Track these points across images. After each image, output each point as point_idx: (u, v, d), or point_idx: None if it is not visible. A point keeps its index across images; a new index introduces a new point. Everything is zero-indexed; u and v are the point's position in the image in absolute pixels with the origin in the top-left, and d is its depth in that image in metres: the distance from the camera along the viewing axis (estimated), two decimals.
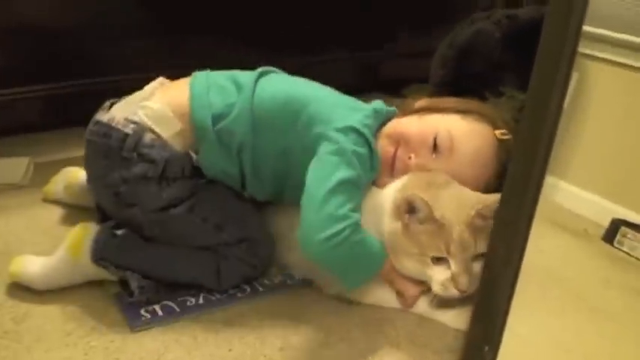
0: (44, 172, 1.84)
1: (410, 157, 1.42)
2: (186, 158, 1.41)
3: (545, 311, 1.48)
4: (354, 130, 1.32)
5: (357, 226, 1.28)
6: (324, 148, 1.32)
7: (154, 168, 1.35)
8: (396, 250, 1.35)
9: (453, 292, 1.30)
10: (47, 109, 2.04)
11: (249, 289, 1.45)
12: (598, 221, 1.95)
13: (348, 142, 1.31)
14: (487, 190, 1.38)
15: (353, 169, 1.30)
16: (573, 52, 0.95)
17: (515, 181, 1.02)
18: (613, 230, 1.89)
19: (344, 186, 1.28)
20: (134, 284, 1.33)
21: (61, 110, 2.04)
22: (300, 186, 1.30)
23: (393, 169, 1.42)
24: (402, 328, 1.37)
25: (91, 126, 1.40)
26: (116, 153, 1.35)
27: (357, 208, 1.30)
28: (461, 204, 1.31)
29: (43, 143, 2.05)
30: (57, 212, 1.72)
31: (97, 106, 1.47)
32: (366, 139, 1.34)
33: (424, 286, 1.38)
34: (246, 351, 1.28)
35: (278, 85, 1.44)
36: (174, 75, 1.51)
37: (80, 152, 1.45)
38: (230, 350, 1.28)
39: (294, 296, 1.45)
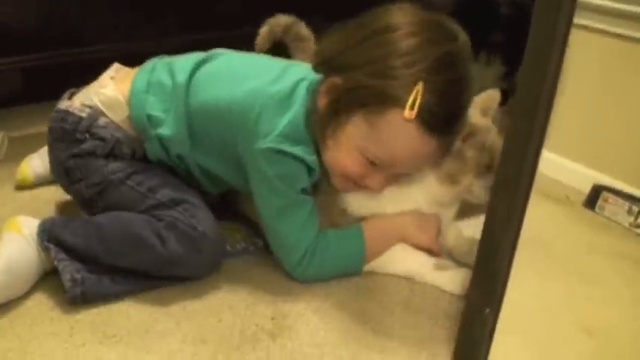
0: (19, 147, 1.81)
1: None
2: (138, 143, 1.41)
3: (534, 277, 1.46)
4: (272, 151, 1.27)
5: (312, 241, 1.33)
6: (251, 179, 1.33)
7: (103, 146, 1.37)
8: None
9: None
10: (21, 82, 1.99)
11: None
12: (579, 188, 1.95)
13: (268, 168, 1.28)
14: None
15: (280, 194, 1.30)
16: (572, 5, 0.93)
17: (516, 137, 1.00)
18: (594, 196, 1.89)
19: (283, 211, 1.32)
20: (66, 277, 1.25)
21: (36, 83, 1.99)
22: None
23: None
24: (394, 294, 1.36)
25: (52, 114, 1.43)
26: (71, 134, 1.39)
27: (305, 222, 1.33)
28: None
29: (16, 117, 1.99)
30: (34, 187, 1.69)
31: (72, 78, 1.49)
32: (288, 154, 1.28)
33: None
34: (236, 320, 1.25)
35: (208, 87, 1.38)
36: (148, 47, 1.48)
37: None
38: (220, 320, 1.25)
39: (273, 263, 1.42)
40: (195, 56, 1.45)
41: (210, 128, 1.36)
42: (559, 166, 2.02)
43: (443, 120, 1.23)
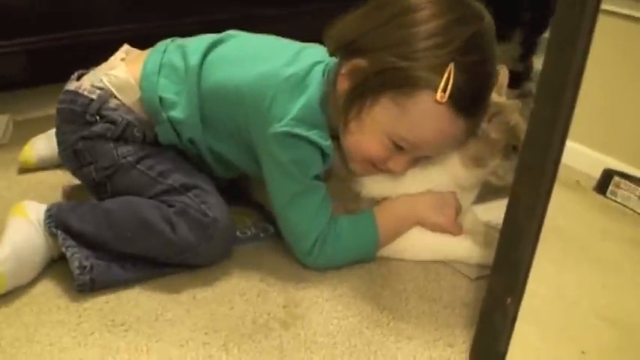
0: (24, 130, 1.78)
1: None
2: (149, 126, 1.38)
3: (548, 264, 1.44)
4: (286, 135, 1.24)
5: (324, 229, 1.31)
6: (264, 164, 1.31)
7: (114, 129, 1.35)
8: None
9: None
10: (26, 65, 1.95)
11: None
12: (589, 172, 1.93)
13: (282, 153, 1.26)
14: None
15: (294, 180, 1.28)
16: None
17: (541, 122, 0.97)
18: (605, 181, 1.87)
19: (296, 198, 1.30)
20: (74, 264, 1.22)
21: (40, 66, 1.96)
22: None
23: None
24: (409, 282, 1.33)
25: (60, 96, 1.41)
26: (80, 116, 1.36)
27: (317, 210, 1.31)
28: None
29: (22, 100, 1.97)
30: (39, 171, 1.67)
31: (77, 60, 1.46)
32: (303, 138, 1.25)
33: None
34: (248, 308, 1.23)
35: (220, 70, 1.35)
36: (154, 29, 1.45)
37: None
38: (232, 308, 1.22)
39: (284, 249, 1.40)
40: (208, 38, 1.41)
41: (222, 112, 1.33)
42: (569, 151, 1.97)
43: (472, 101, 1.22)
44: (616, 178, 1.84)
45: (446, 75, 1.17)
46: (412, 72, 1.18)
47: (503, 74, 1.37)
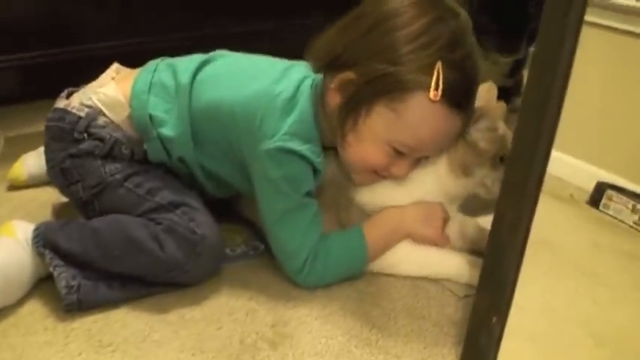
0: (15, 146, 1.77)
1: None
2: (138, 143, 1.38)
3: (539, 278, 1.44)
4: (279, 151, 1.24)
5: (314, 247, 1.31)
6: (255, 181, 1.31)
7: (102, 146, 1.35)
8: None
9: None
10: (18, 81, 1.94)
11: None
12: (582, 186, 1.93)
13: (274, 170, 1.26)
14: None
15: (285, 196, 1.28)
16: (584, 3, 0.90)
17: (524, 140, 0.97)
18: (598, 194, 1.87)
19: (287, 215, 1.30)
20: (61, 283, 1.22)
21: (33, 81, 1.95)
22: None
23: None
24: (398, 300, 1.33)
25: (49, 114, 1.41)
26: (68, 134, 1.36)
27: (308, 227, 1.31)
28: None
29: (13, 116, 1.96)
30: (29, 188, 1.66)
31: (69, 76, 1.46)
32: (295, 152, 1.25)
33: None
34: (236, 328, 1.22)
35: (211, 89, 1.35)
36: (146, 45, 1.45)
37: None
38: (220, 328, 1.22)
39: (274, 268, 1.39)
40: (198, 57, 1.42)
41: (213, 130, 1.34)
42: (562, 164, 2.00)
43: (464, 94, 1.24)
44: (609, 192, 1.85)
45: (435, 73, 1.18)
46: (402, 76, 1.19)
47: (491, 90, 1.37)
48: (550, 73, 0.93)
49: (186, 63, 1.40)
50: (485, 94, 1.37)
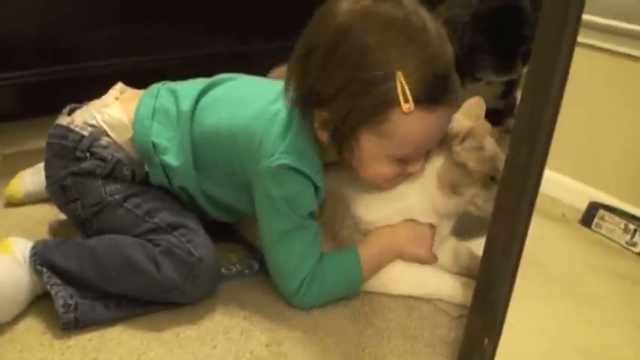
0: (13, 163, 1.77)
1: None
2: (139, 165, 1.39)
3: (531, 299, 1.45)
4: (279, 168, 1.25)
5: (312, 269, 1.31)
6: (257, 199, 1.32)
7: (104, 166, 1.36)
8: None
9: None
10: (16, 99, 1.96)
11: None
12: (575, 205, 1.94)
13: (275, 189, 1.27)
14: None
15: (285, 217, 1.29)
16: (575, 30, 0.92)
17: (516, 166, 0.99)
18: (590, 213, 1.88)
19: (286, 235, 1.30)
20: (59, 302, 1.23)
21: (30, 99, 1.97)
22: None
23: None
24: (392, 320, 1.34)
25: (51, 130, 1.42)
26: (71, 152, 1.37)
27: (307, 249, 1.32)
28: None
29: (10, 133, 1.97)
30: (26, 205, 1.66)
31: (66, 94, 1.47)
32: (294, 169, 1.26)
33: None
34: (230, 347, 1.23)
35: (212, 115, 1.37)
36: (141, 63, 1.46)
37: None
38: (214, 347, 1.23)
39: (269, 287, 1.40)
40: (200, 83, 1.43)
41: (216, 155, 1.35)
42: (555, 183, 2.01)
43: (438, 88, 1.20)
44: (601, 211, 1.86)
45: (398, 86, 1.16)
46: (371, 103, 1.18)
47: (473, 103, 1.37)
48: (541, 102, 0.94)
49: (188, 89, 1.41)
50: (474, 108, 1.38)
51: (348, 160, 1.29)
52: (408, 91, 1.16)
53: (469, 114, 1.38)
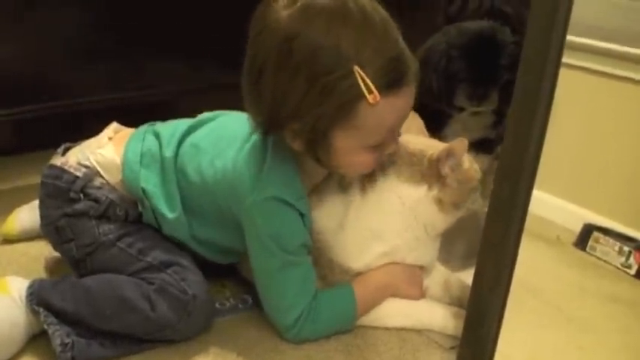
0: (8, 199, 1.78)
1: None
2: (132, 205, 1.40)
3: (523, 325, 1.46)
4: (262, 202, 1.26)
5: (306, 305, 1.31)
6: (247, 238, 1.33)
7: (97, 207, 1.37)
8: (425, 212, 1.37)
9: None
10: (11, 134, 1.96)
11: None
12: (569, 227, 1.95)
13: (263, 225, 1.28)
14: None
15: (273, 256, 1.29)
16: (558, 59, 0.93)
17: (501, 201, 1.00)
18: (585, 236, 1.89)
19: (278, 273, 1.31)
20: (56, 341, 1.24)
21: (27, 135, 1.97)
22: None
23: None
24: (385, 353, 1.34)
25: (45, 170, 1.42)
26: (64, 193, 1.38)
27: (300, 285, 1.32)
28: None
29: (5, 168, 1.98)
30: (22, 242, 1.67)
31: (60, 130, 1.47)
32: (277, 199, 1.27)
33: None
34: None
35: (193, 161, 1.37)
36: (136, 98, 1.46)
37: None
38: None
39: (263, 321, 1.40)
40: (182, 125, 1.44)
41: (203, 199, 1.37)
42: (549, 205, 2.02)
43: (396, 69, 1.19)
44: (595, 233, 1.87)
45: (360, 81, 1.15)
46: (336, 105, 1.17)
47: (461, 145, 1.36)
48: (525, 137, 0.95)
49: (171, 132, 1.42)
50: (458, 148, 1.37)
51: (325, 162, 1.28)
52: (370, 83, 1.15)
53: (454, 155, 1.37)
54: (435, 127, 1.74)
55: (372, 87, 1.15)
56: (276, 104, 1.20)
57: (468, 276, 1.43)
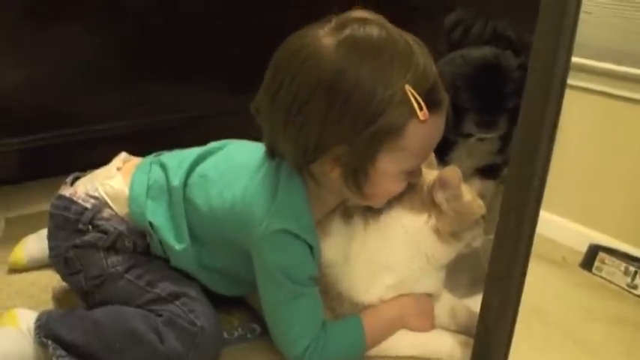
0: (17, 227, 1.79)
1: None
2: (140, 236, 1.41)
3: (530, 349, 1.46)
4: (272, 234, 1.26)
5: (314, 336, 1.30)
6: (256, 268, 1.32)
7: (106, 238, 1.37)
8: (427, 241, 1.37)
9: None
10: (19, 163, 1.98)
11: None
12: (575, 247, 1.95)
13: (272, 256, 1.27)
14: None
15: (281, 287, 1.28)
16: (562, 86, 0.94)
17: (506, 234, 1.00)
18: (591, 256, 1.89)
19: (286, 304, 1.30)
20: None
21: (32, 163, 1.98)
22: None
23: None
24: None
25: (54, 200, 1.43)
26: (73, 224, 1.39)
27: (308, 316, 1.32)
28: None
29: (13, 197, 1.98)
30: (30, 271, 1.67)
31: (68, 157, 1.50)
32: (285, 232, 1.27)
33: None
34: None
35: (202, 193, 1.37)
36: (145, 125, 1.47)
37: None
38: None
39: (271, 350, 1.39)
40: (191, 154, 1.44)
41: (212, 230, 1.37)
42: (555, 226, 2.02)
43: (436, 89, 1.23)
44: (601, 254, 1.87)
45: (412, 99, 1.16)
46: (388, 124, 1.18)
47: (453, 174, 1.34)
48: (528, 173, 0.96)
49: (179, 162, 1.42)
50: (451, 178, 1.35)
51: (360, 189, 1.26)
52: (420, 100, 1.17)
53: (450, 186, 1.36)
54: (441, 152, 1.74)
55: (423, 104, 1.17)
56: (325, 130, 1.19)
57: (474, 303, 1.45)
